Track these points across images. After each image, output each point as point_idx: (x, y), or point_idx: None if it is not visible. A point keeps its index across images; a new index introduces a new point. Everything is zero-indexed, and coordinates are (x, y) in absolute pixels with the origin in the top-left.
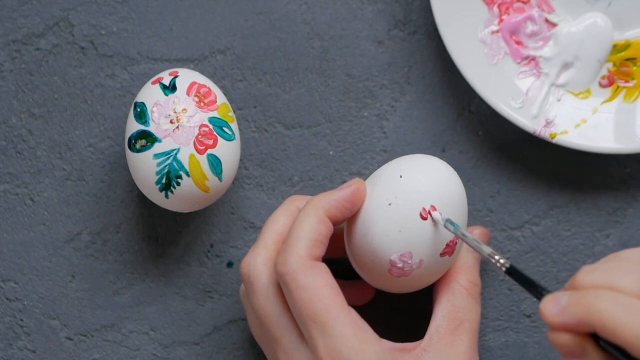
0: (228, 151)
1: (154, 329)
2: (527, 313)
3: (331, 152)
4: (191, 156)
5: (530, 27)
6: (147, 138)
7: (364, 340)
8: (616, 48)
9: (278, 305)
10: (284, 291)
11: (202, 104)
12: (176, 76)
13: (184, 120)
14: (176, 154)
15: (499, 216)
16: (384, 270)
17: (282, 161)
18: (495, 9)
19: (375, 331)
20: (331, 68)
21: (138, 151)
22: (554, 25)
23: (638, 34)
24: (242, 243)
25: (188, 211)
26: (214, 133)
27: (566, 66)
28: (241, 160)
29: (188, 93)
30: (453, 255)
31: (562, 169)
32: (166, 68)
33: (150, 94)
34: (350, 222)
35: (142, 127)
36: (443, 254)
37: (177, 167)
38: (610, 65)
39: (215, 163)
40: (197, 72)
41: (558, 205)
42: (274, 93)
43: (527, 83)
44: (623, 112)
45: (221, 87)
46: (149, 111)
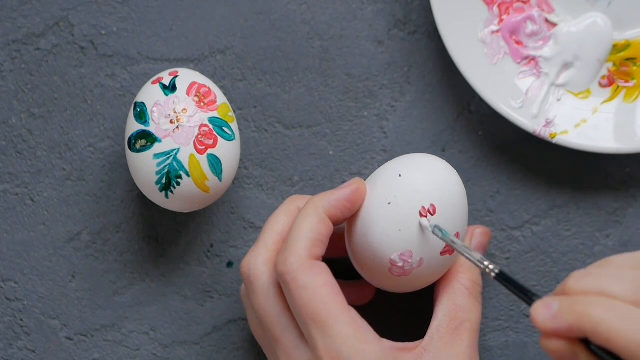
0: (228, 151)
1: (154, 329)
2: (527, 313)
3: (331, 152)
4: (191, 156)
5: (530, 27)
6: (147, 138)
7: (364, 339)
8: (616, 48)
9: (278, 305)
10: (284, 291)
11: (202, 104)
12: (176, 76)
13: (184, 120)
14: (176, 154)
15: (499, 216)
16: (385, 269)
17: (282, 161)
18: (495, 9)
19: (375, 331)
20: (331, 68)
21: (138, 151)
22: (554, 25)
23: (638, 34)
24: (242, 243)
25: (188, 211)
26: (214, 133)
27: (566, 66)
28: (241, 160)
29: (188, 93)
30: (454, 254)
31: (562, 169)
32: (166, 68)
33: (150, 94)
34: (350, 222)
35: (142, 127)
36: (443, 253)
37: (177, 167)
38: (610, 65)
39: (215, 163)
40: (197, 72)
41: (558, 205)
42: (274, 93)
43: (527, 83)
44: (623, 112)
45: (221, 87)
46: (149, 111)
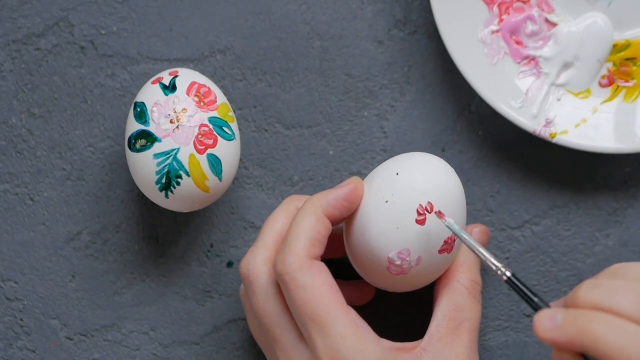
0: (228, 151)
1: (154, 329)
2: (527, 313)
3: (331, 152)
4: (191, 156)
5: (530, 27)
6: (147, 138)
7: (363, 339)
8: (616, 48)
9: (277, 305)
10: (283, 291)
11: (202, 104)
12: (176, 76)
13: (184, 120)
14: (176, 154)
15: (499, 216)
16: (383, 268)
17: (282, 161)
18: (495, 9)
19: (375, 331)
20: (331, 68)
21: (138, 151)
22: (554, 25)
23: (638, 34)
24: (242, 243)
25: (188, 211)
26: (214, 133)
27: (566, 66)
28: (241, 160)
29: (188, 93)
30: (452, 252)
31: (562, 169)
32: (166, 68)
33: (150, 94)
34: (348, 221)
35: (142, 127)
36: (441, 251)
37: (177, 167)
38: (610, 65)
39: (215, 163)
40: (197, 72)
41: (558, 205)
42: (274, 93)
43: (527, 83)
44: (623, 112)
45: (221, 87)
46: (149, 111)
